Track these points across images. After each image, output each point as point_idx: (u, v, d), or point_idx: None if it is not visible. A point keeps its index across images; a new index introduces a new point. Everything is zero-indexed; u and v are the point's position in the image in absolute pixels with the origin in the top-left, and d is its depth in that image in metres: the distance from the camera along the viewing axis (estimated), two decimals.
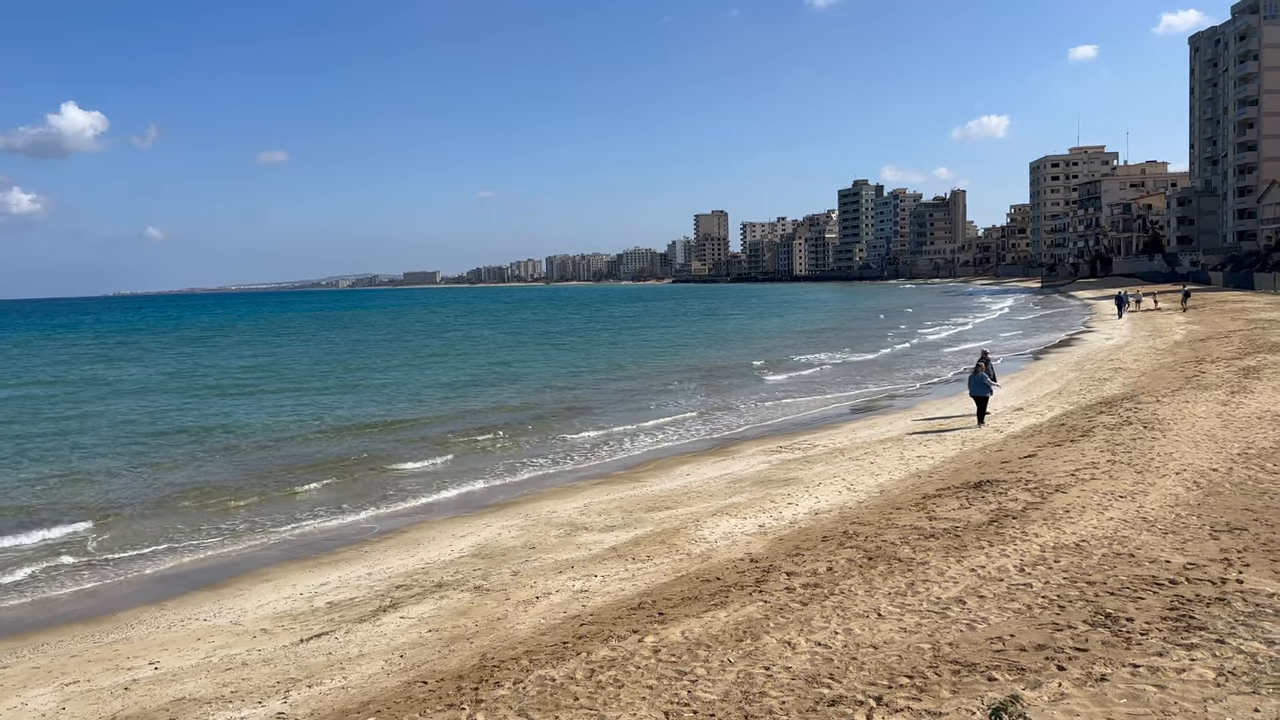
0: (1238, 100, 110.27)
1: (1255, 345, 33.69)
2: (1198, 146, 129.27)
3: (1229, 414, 19.57)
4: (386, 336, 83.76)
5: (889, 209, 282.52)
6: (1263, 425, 18.00)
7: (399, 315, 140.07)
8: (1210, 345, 35.94)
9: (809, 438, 23.85)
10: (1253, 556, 10.04)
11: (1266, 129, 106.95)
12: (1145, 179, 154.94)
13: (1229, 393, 22.63)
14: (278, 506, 19.33)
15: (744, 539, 13.95)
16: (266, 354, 65.65)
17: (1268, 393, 22.16)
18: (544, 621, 11.03)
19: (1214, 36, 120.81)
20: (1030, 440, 19.54)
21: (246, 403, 36.65)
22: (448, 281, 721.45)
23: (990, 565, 10.58)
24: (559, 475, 21.62)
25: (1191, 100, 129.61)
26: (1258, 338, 36.68)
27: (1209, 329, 44.13)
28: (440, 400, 35.81)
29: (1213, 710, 6.49)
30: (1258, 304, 59.45)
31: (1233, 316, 50.43)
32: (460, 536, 16.08)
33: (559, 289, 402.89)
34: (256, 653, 11.20)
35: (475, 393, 37.89)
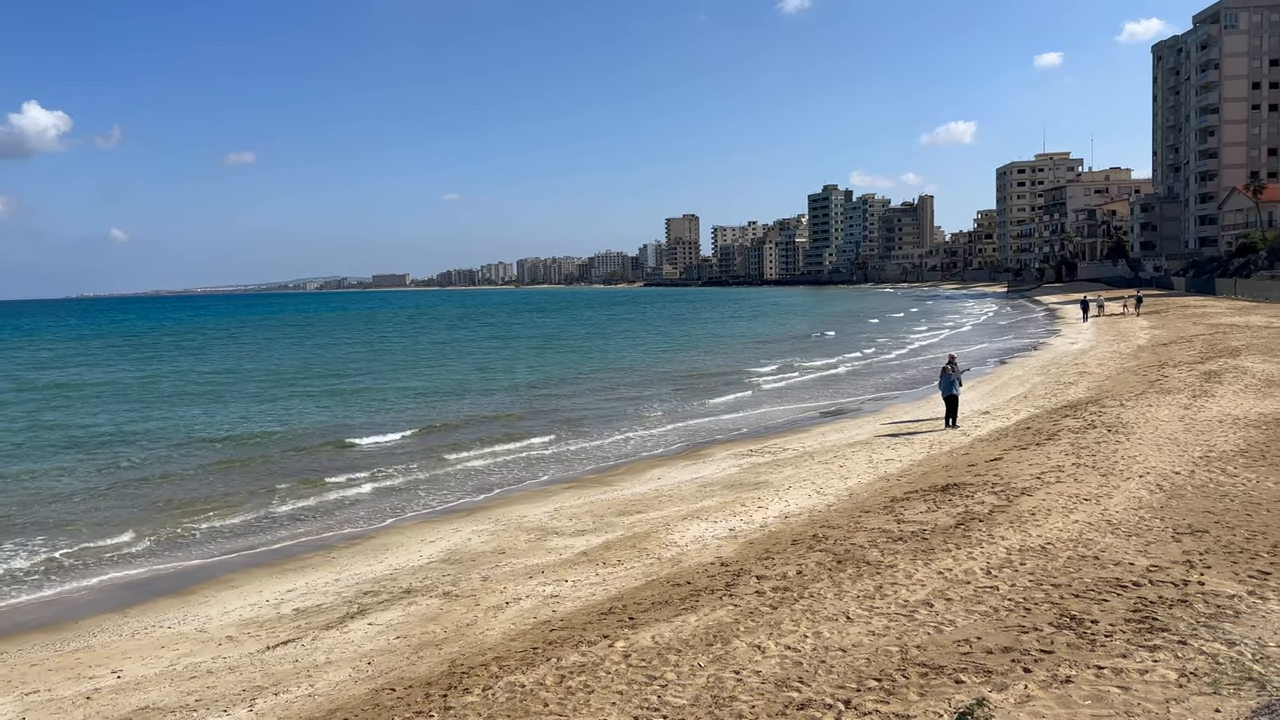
0: (1199, 108, 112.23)
1: (1216, 350, 34.26)
2: (1160, 154, 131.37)
3: (1191, 418, 19.88)
4: (357, 340, 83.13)
5: (858, 214, 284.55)
6: (1224, 429, 18.30)
7: (369, 319, 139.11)
8: (1173, 350, 36.50)
9: (779, 441, 23.94)
10: (1214, 558, 10.20)
11: (1227, 137, 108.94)
12: (1109, 185, 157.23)
13: (1191, 397, 22.99)
14: (244, 513, 19.10)
15: (714, 543, 13.97)
16: (233, 358, 64.91)
17: (1229, 396, 22.54)
18: (514, 627, 10.98)
19: (1176, 46, 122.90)
20: (997, 443, 19.74)
21: (213, 409, 36.22)
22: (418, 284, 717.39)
23: (957, 568, 10.67)
24: (530, 479, 21.54)
25: (1154, 108, 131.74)
26: (1219, 342, 37.30)
27: (1172, 334, 44.82)
28: (411, 405, 35.59)
29: (1175, 711, 6.59)
30: (1219, 309, 60.47)
31: (1194, 321, 51.26)
32: (429, 542, 15.98)
33: (530, 292, 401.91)
34: (222, 660, 11.06)
35: (446, 397, 37.69)
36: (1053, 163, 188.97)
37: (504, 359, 56.77)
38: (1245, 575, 9.55)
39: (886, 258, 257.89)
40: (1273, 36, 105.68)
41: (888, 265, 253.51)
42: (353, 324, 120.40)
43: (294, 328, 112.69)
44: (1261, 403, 21.27)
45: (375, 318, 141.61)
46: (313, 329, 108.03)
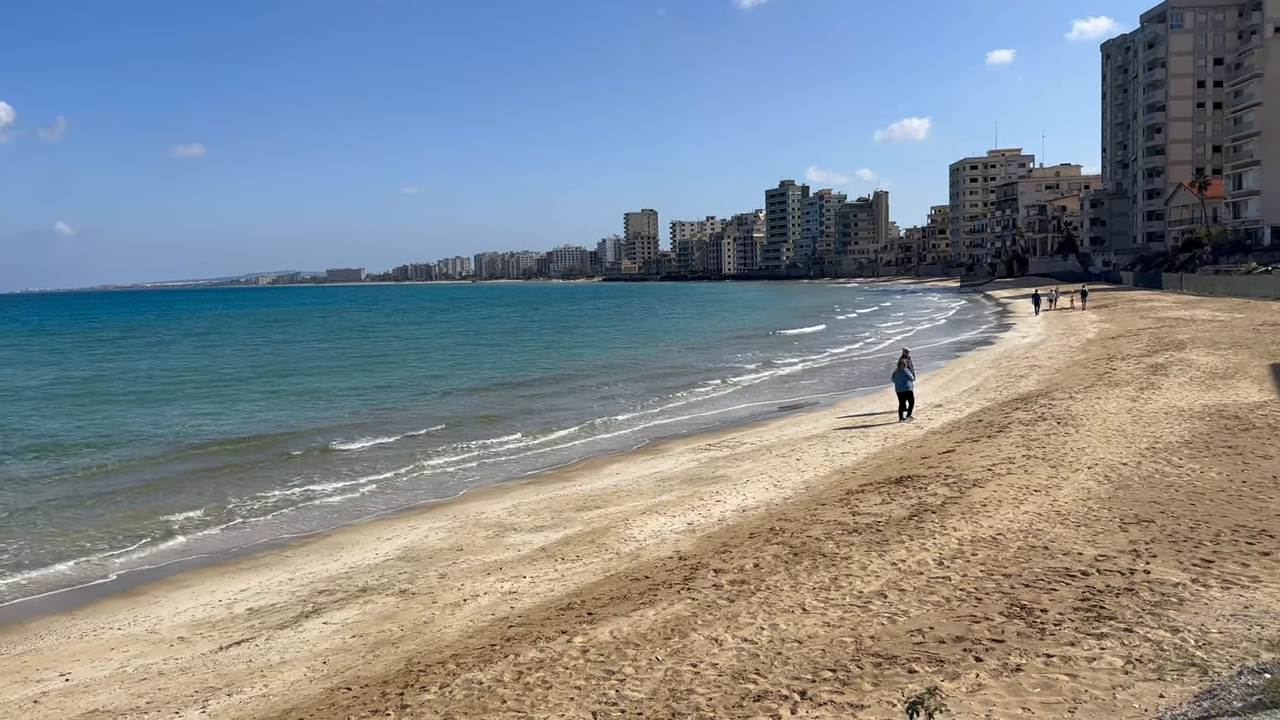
0: (1146, 106, 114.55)
1: (1163, 343, 35.04)
2: (1109, 150, 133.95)
3: (1138, 410, 20.33)
4: (312, 337, 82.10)
5: (815, 209, 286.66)
6: (1169, 420, 18.73)
7: (325, 314, 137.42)
8: (1121, 343, 37.27)
9: (737, 435, 24.07)
10: (1159, 548, 10.45)
11: (1173, 134, 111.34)
12: (1060, 181, 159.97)
13: (1138, 389, 23.50)
14: (196, 512, 18.78)
15: (673, 537, 14.02)
16: (185, 356, 63.82)
17: (1174, 389, 23.07)
18: (471, 624, 10.94)
19: (1124, 44, 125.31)
20: (949, 436, 20.02)
21: (164, 408, 35.59)
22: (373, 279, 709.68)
23: (911, 559, 10.83)
24: (488, 476, 21.45)
25: (1104, 105, 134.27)
26: (1165, 335, 38.16)
27: (1120, 327, 45.76)
28: (370, 404, 35.26)
29: (1121, 697, 6.75)
30: (1165, 303, 61.84)
31: (1142, 315, 52.36)
32: (385, 539, 15.86)
33: (488, 287, 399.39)
34: (173, 662, 10.89)
35: (405, 395, 37.39)
36: (1005, 159, 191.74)
37: (466, 355, 56.36)
38: (1189, 564, 9.79)
39: (843, 253, 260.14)
40: (1217, 36, 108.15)
41: (844, 260, 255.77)
42: (307, 320, 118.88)
43: (250, 324, 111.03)
44: (1206, 395, 21.79)
45: (331, 313, 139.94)
46: (268, 325, 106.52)
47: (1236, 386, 22.79)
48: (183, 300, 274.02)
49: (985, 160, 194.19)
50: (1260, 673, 5.89)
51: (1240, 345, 32.13)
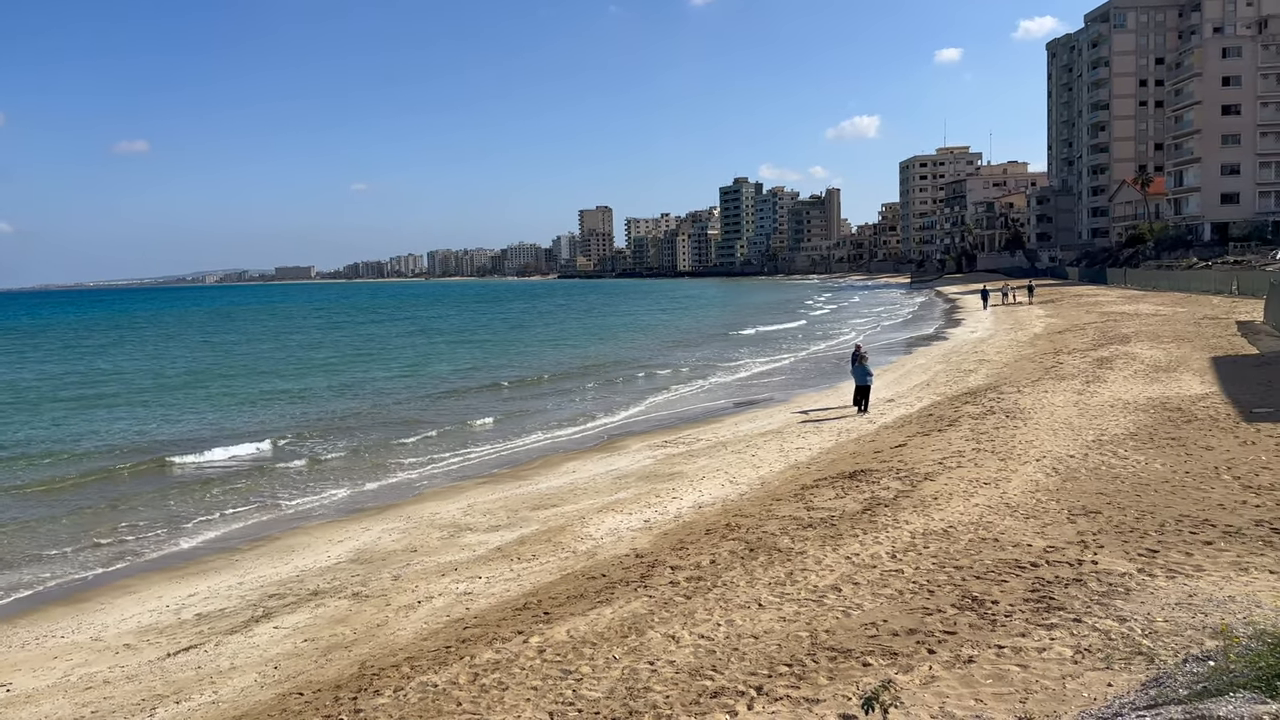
0: (1090, 104, 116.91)
1: (1108, 337, 35.77)
2: (1055, 148, 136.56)
3: (1084, 403, 20.72)
4: (263, 337, 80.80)
5: (768, 206, 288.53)
6: (1115, 413, 19.12)
7: (272, 314, 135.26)
8: (1067, 337, 37.98)
9: (693, 432, 24.12)
10: (1106, 538, 10.65)
11: (1116, 132, 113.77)
12: (1007, 178, 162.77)
13: (1084, 382, 23.95)
14: (141, 516, 18.38)
15: (629, 534, 14.01)
16: (131, 357, 62.47)
17: (1119, 382, 23.56)
18: (426, 626, 10.83)
19: (1069, 43, 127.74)
20: (901, 430, 20.25)
21: (104, 412, 34.81)
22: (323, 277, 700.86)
23: (864, 553, 10.92)
24: (442, 475, 21.26)
25: (1049, 103, 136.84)
26: (1110, 329, 38.96)
27: (1066, 322, 46.64)
28: (316, 404, 34.79)
29: (1070, 687, 6.85)
30: (1110, 297, 63.16)
31: (1087, 310, 53.43)
32: (337, 542, 15.64)
33: (442, 284, 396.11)
34: (119, 670, 10.64)
35: (356, 396, 36.94)
36: (953, 156, 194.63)
37: (422, 355, 55.74)
38: (1135, 554, 9.99)
39: (796, 249, 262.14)
40: (1158, 36, 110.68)
41: (797, 257, 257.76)
42: (257, 319, 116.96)
43: (195, 323, 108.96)
44: (1150, 388, 22.28)
45: (280, 312, 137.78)
46: (215, 324, 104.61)
47: (1179, 379, 23.33)
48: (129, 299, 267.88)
49: (934, 158, 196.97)
50: (1205, 660, 6.01)
51: (1182, 339, 32.91)
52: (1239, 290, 54.33)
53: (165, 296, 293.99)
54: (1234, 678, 5.13)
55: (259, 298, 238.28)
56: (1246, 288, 53.13)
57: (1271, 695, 4.60)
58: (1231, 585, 8.75)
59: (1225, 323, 38.08)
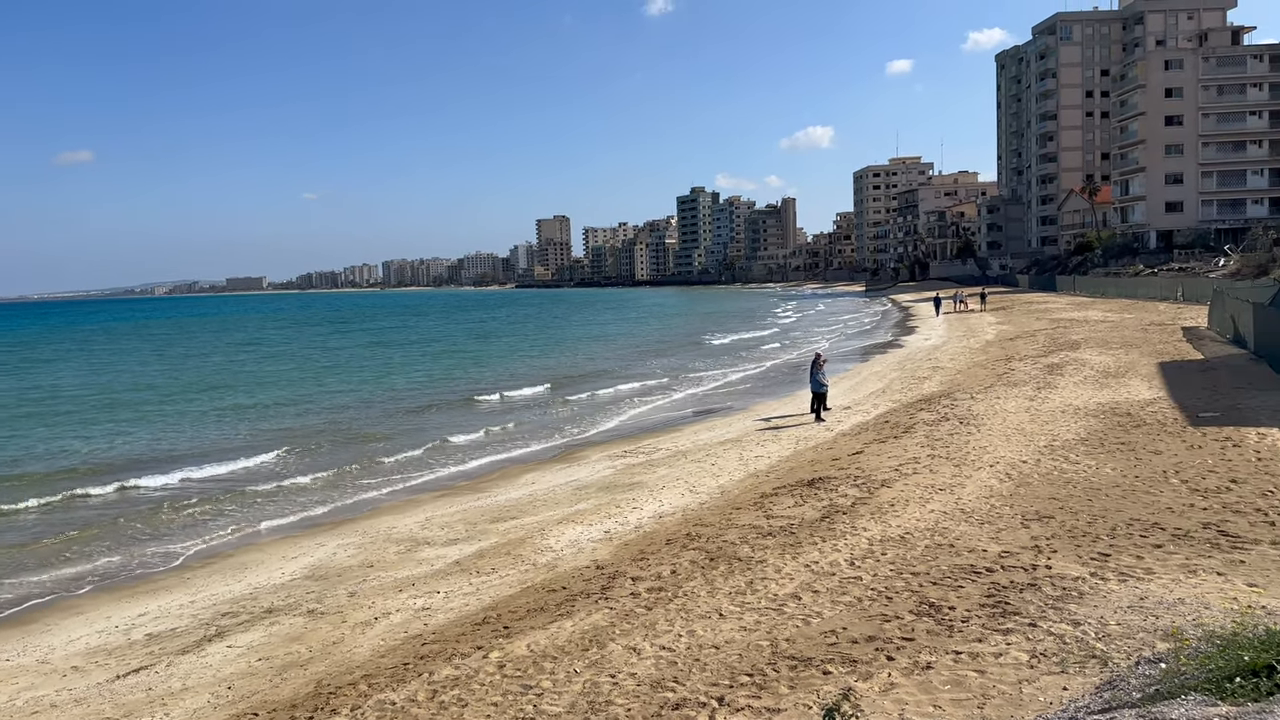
0: (1038, 115, 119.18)
1: (1058, 343, 36.40)
2: (1005, 158, 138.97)
3: (1036, 409, 21.05)
4: (216, 350, 79.42)
5: (725, 215, 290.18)
6: (1065, 418, 19.45)
7: (224, 325, 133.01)
8: (1018, 344, 38.59)
9: (653, 441, 24.12)
10: (1059, 543, 10.82)
11: (1064, 142, 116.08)
12: (958, 188, 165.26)
13: (1036, 389, 24.34)
14: (89, 536, 17.95)
15: (590, 546, 13.95)
16: (77, 372, 61.08)
17: (1069, 388, 23.97)
18: (383, 643, 10.68)
19: (1017, 55, 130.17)
20: (858, 437, 20.42)
21: (53, 429, 33.99)
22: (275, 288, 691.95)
23: (823, 560, 10.98)
24: (399, 489, 21.02)
25: (999, 114, 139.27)
26: (1060, 336, 39.66)
27: (1017, 329, 47.40)
28: (279, 416, 34.27)
29: (1027, 691, 6.94)
30: (1059, 304, 64.31)
31: (1037, 316, 54.36)
32: (291, 558, 15.39)
33: (398, 294, 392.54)
34: (67, 693, 10.36)
35: (316, 407, 36.46)
36: (905, 166, 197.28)
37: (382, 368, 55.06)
38: (1088, 558, 10.16)
39: (753, 258, 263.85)
40: (1103, 48, 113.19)
41: (754, 266, 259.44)
42: (205, 331, 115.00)
43: (146, 335, 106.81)
44: (1099, 393, 22.70)
45: (234, 323, 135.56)
46: (164, 337, 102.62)
47: (1128, 385, 23.80)
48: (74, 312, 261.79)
49: (887, 168, 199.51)
50: (1156, 662, 6.12)
51: (1130, 345, 33.59)
52: (1184, 297, 55.64)
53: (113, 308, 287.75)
54: (1185, 680, 5.22)
55: (211, 309, 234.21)
56: (1191, 294, 54.42)
57: (1221, 697, 4.69)
58: (1181, 587, 8.93)
59: (1171, 329, 38.95)
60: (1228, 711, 4.36)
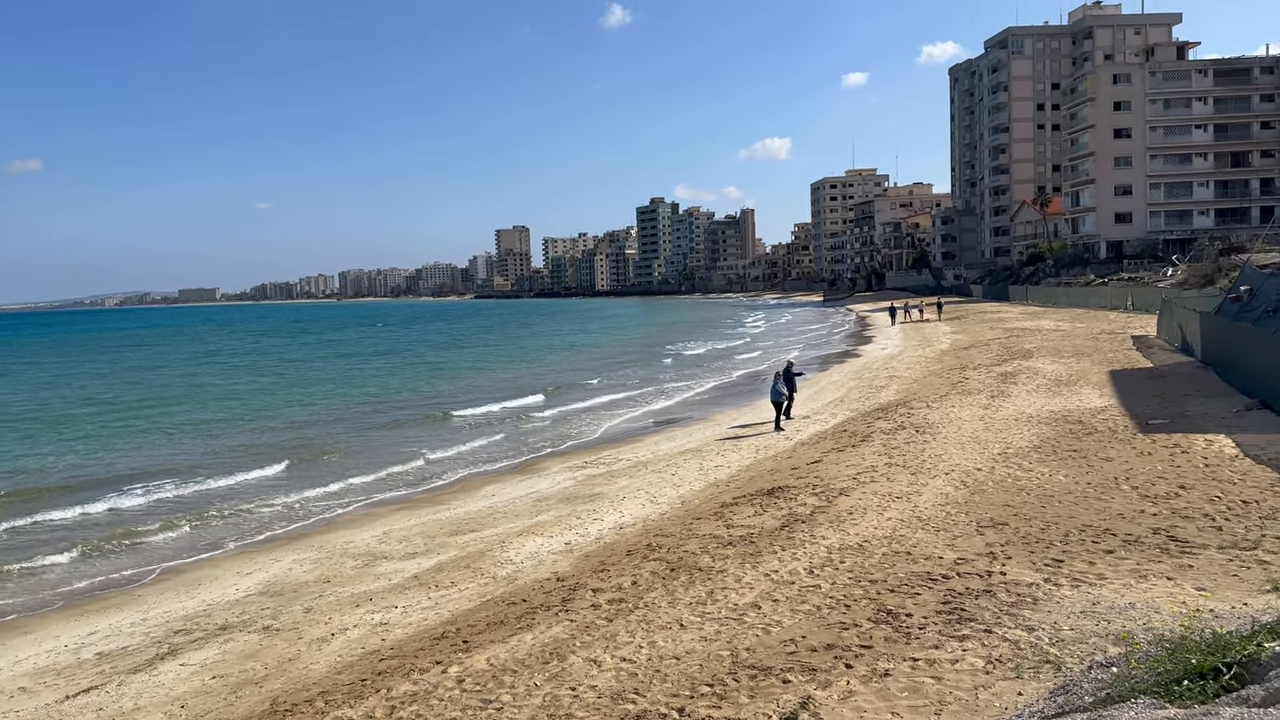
0: (991, 128, 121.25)
1: (1011, 352, 36.98)
2: (958, 169, 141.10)
3: (990, 417, 21.36)
4: (163, 363, 78.03)
5: (685, 226, 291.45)
6: (1019, 426, 19.76)
7: (179, 337, 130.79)
8: (972, 353, 39.15)
9: (613, 451, 24.11)
10: (1013, 549, 10.98)
11: (1016, 154, 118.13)
12: (913, 199, 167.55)
13: (989, 397, 24.70)
14: (37, 552, 17.51)
15: (550, 558, 13.91)
16: (20, 386, 59.73)
17: (1022, 396, 24.36)
18: (340, 659, 10.55)
19: (970, 69, 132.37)
20: (817, 446, 20.58)
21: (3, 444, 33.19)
22: (229, 299, 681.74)
23: (783, 569, 11.04)
24: (357, 503, 20.79)
25: (952, 126, 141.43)
26: (1013, 345, 40.30)
27: (971, 338, 48.08)
28: (232, 429, 33.76)
29: (983, 697, 7.02)
30: (1013, 314, 65.35)
31: (991, 326, 55.18)
32: (246, 574, 15.15)
33: (355, 305, 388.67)
34: (14, 715, 10.10)
35: (268, 420, 35.97)
36: (861, 178, 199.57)
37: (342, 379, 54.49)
38: (1041, 564, 10.32)
39: (712, 269, 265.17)
40: (1054, 62, 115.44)
41: (714, 276, 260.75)
42: (158, 344, 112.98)
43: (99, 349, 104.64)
44: (1051, 401, 23.09)
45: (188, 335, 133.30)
46: (118, 349, 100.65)
47: (1079, 393, 24.24)
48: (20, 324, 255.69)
49: (844, 179, 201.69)
50: (1108, 666, 6.23)
51: (1081, 353, 34.22)
52: (1133, 306, 56.80)
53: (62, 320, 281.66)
54: (1135, 684, 5.32)
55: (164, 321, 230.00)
56: (1140, 304, 55.57)
57: (1170, 700, 4.79)
58: (1132, 592, 9.10)
59: (1121, 337, 39.74)
60: (1175, 714, 4.45)
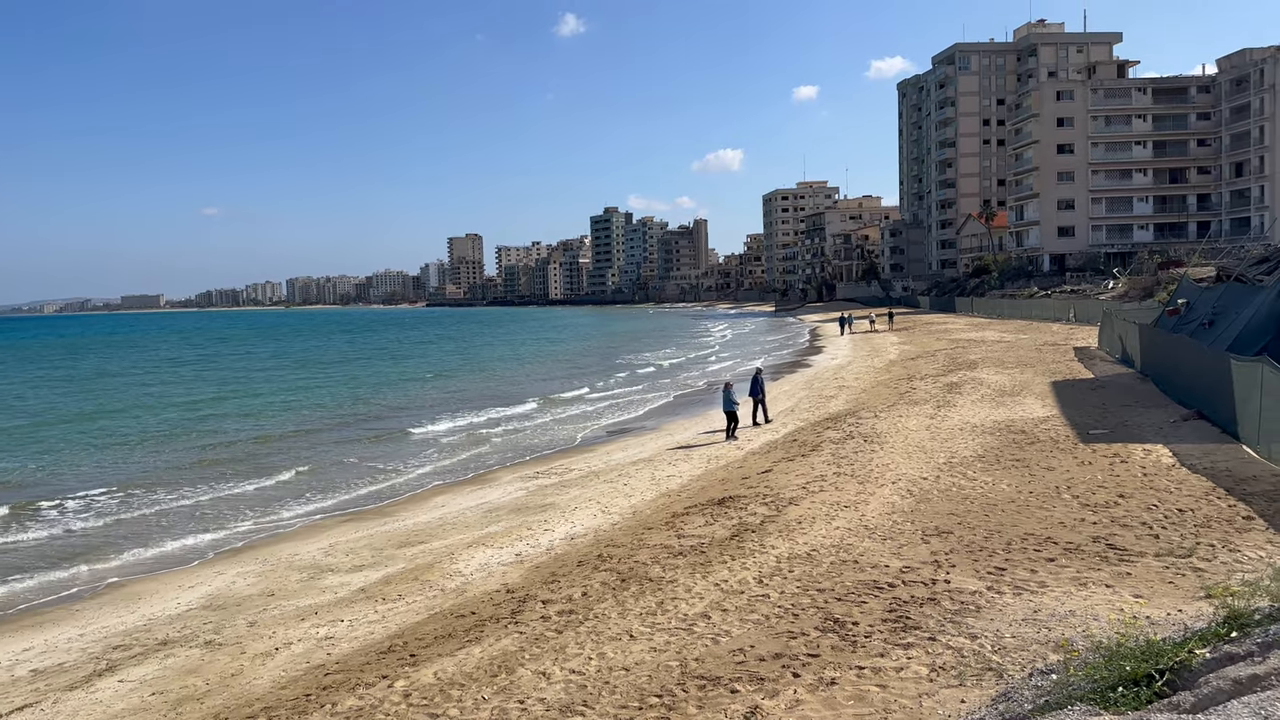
0: (938, 142, 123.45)
1: (957, 363, 37.58)
2: (906, 183, 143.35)
3: (936, 426, 21.68)
4: (109, 371, 76.21)
5: (639, 235, 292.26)
6: (964, 436, 20.08)
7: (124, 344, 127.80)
8: (919, 364, 39.72)
9: (565, 462, 24.05)
10: (958, 558, 11.15)
11: (962, 169, 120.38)
12: (863, 212, 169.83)
13: (936, 407, 25.07)
14: None
15: (500, 569, 13.82)
16: None
17: (967, 406, 24.76)
18: (284, 674, 10.38)
19: (918, 84, 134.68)
20: (767, 456, 20.72)
21: None
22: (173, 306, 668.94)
23: (733, 579, 11.09)
24: (302, 514, 20.48)
25: (900, 141, 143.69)
26: (959, 356, 40.96)
27: (918, 348, 48.78)
28: (174, 440, 33.08)
29: (927, 705, 7.12)
30: (959, 325, 66.46)
31: (938, 337, 56.05)
32: (188, 587, 14.84)
33: (304, 313, 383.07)
34: None
35: (212, 430, 35.32)
36: (812, 191, 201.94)
37: (296, 389, 53.69)
38: (984, 572, 10.49)
39: (666, 278, 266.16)
40: (999, 78, 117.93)
41: (667, 285, 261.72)
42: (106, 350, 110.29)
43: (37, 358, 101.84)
44: (996, 411, 23.50)
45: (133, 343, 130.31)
46: (56, 357, 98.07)
47: (1022, 403, 24.70)
48: None
49: (795, 191, 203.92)
50: (1048, 674, 6.36)
51: (1025, 364, 34.89)
52: (1075, 318, 58.12)
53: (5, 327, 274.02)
54: (1073, 691, 5.44)
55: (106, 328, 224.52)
56: (1082, 315, 56.88)
57: (1105, 706, 4.90)
58: (1072, 600, 9.28)
59: (1064, 348, 40.60)
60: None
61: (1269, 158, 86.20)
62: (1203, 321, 29.21)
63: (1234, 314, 27.49)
